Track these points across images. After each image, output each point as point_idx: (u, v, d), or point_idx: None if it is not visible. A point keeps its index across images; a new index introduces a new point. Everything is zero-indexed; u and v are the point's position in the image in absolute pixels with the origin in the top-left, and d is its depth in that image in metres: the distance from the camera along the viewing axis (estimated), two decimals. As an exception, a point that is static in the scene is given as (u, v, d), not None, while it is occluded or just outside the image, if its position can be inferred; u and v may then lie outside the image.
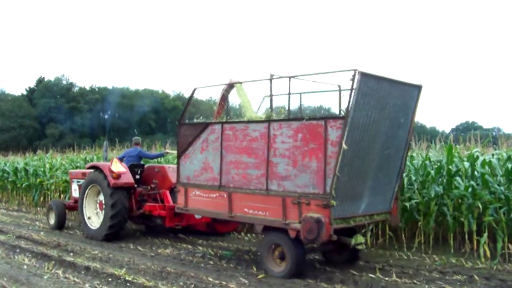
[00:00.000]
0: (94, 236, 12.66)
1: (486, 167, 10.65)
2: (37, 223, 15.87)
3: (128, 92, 77.50)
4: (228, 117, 9.89)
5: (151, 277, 8.60)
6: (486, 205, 10.05)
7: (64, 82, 78.62)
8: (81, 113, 68.36)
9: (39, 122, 70.83)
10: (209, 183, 9.82)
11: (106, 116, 58.83)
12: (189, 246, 11.63)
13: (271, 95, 9.19)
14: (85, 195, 13.25)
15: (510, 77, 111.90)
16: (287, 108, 8.84)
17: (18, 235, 13.46)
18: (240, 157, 9.25)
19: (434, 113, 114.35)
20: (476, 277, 8.47)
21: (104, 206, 12.50)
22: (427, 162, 11.43)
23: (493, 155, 11.38)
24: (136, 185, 12.96)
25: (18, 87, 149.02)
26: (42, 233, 13.73)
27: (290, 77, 8.69)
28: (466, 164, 10.87)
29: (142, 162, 14.01)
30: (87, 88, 78.97)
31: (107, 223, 12.21)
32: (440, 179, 11.08)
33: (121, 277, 8.53)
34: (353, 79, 7.70)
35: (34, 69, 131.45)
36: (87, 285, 8.15)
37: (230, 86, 10.55)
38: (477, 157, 10.98)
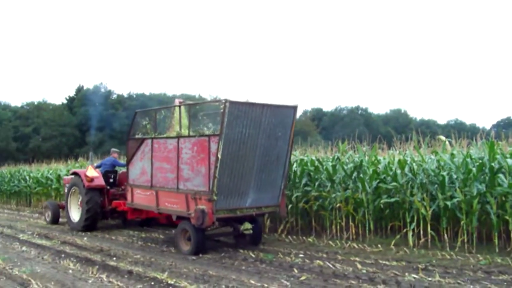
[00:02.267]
0: (74, 228, 15.97)
1: (531, 164, 10.41)
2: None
3: (165, 97, 78.16)
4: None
5: (193, 281, 8.66)
6: (532, 202, 9.84)
7: (103, 90, 79.71)
8: (120, 119, 69.09)
9: (79, 130, 71.94)
10: (144, 184, 12.63)
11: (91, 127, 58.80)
12: (230, 250, 11.71)
13: (180, 118, 11.92)
14: (69, 195, 16.72)
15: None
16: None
17: (63, 240, 13.79)
18: (163, 164, 12.00)
19: (474, 109, 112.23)
20: (523, 276, 8.29)
21: (81, 203, 15.78)
22: (468, 159, 11.18)
23: (537, 151, 11.14)
24: (109, 187, 16.18)
25: (58, 96, 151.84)
26: (85, 238, 14.02)
27: (190, 105, 12.24)
28: (509, 161, 10.62)
29: (116, 169, 16.96)
30: (125, 95, 80.00)
31: (83, 217, 15.49)
32: (482, 177, 10.86)
33: (164, 281, 8.61)
34: (224, 107, 10.34)
35: (73, 78, 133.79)
36: (130, 288, 8.27)
37: (173, 108, 12.81)
38: (521, 153, 10.75)
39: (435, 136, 13.54)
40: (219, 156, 10.38)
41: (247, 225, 11.57)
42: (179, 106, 12.15)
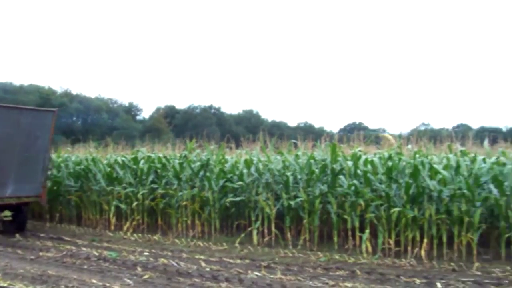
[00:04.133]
0: None
1: (369, 166, 11.03)
2: None
3: (12, 87, 73.60)
4: None
5: (29, 282, 8.15)
6: (368, 202, 10.44)
7: None
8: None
9: None
10: None
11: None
12: (73, 248, 11.21)
13: None
14: None
15: (396, 80, 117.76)
16: None
17: None
18: None
19: (323, 114, 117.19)
20: (358, 271, 8.76)
21: None
22: (312, 161, 11.63)
23: (375, 154, 11.83)
24: None
25: None
26: None
27: None
28: (350, 163, 11.20)
29: None
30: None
31: None
32: (324, 178, 11.35)
33: (-5, 283, 8.05)
34: None
35: None
36: (-46, 293, 7.63)
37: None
38: (360, 156, 11.34)
39: (282, 136, 13.94)
40: None
41: (7, 213, 13.08)
42: None
